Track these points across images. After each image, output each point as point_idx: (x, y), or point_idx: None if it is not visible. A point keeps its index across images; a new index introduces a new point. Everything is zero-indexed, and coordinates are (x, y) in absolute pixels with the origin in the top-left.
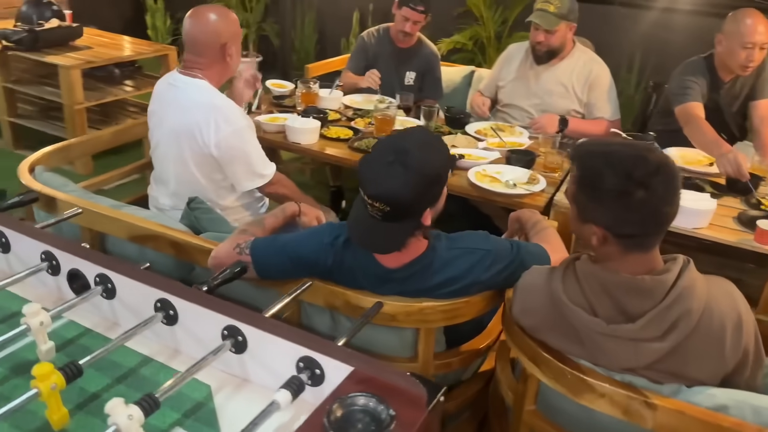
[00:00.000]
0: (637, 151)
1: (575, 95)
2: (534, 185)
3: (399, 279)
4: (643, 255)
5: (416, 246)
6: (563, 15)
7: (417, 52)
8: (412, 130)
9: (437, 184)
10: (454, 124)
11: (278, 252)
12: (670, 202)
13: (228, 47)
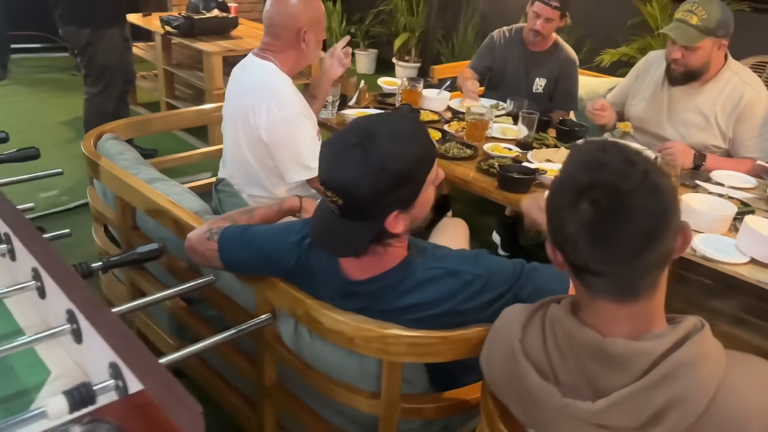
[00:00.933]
0: (619, 150)
1: (717, 128)
2: None
3: (363, 294)
4: (621, 306)
5: (387, 257)
6: (708, 29)
7: (550, 57)
8: (392, 114)
9: (407, 184)
10: (566, 138)
11: (245, 244)
12: (655, 230)
13: (304, 33)
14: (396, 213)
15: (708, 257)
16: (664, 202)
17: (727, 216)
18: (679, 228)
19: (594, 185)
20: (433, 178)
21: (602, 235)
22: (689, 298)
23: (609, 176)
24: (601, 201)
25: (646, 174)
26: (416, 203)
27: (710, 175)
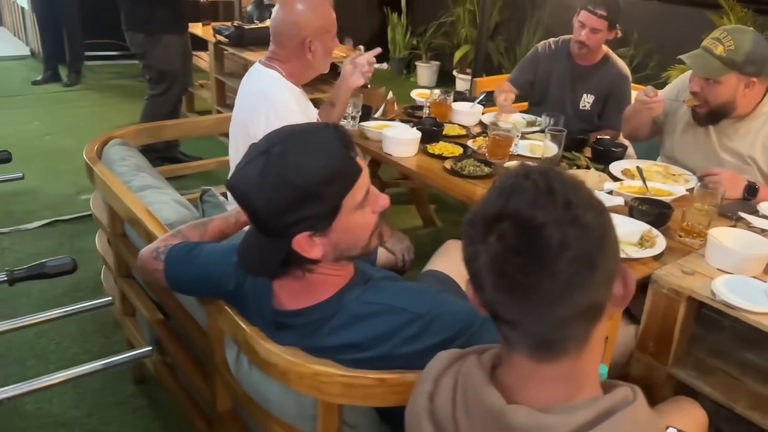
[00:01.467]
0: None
1: (759, 171)
2: (644, 248)
3: (295, 327)
4: (539, 365)
5: (322, 286)
6: (733, 62)
7: (598, 72)
8: (319, 124)
9: (312, 203)
10: (601, 159)
11: (189, 264)
12: (574, 275)
13: (310, 43)
14: (307, 235)
15: (729, 303)
16: (588, 241)
17: (761, 255)
18: (616, 274)
19: (504, 216)
20: (357, 202)
21: (509, 276)
22: (716, 347)
23: (520, 206)
24: (509, 235)
25: (568, 206)
26: (335, 227)
27: (758, 207)
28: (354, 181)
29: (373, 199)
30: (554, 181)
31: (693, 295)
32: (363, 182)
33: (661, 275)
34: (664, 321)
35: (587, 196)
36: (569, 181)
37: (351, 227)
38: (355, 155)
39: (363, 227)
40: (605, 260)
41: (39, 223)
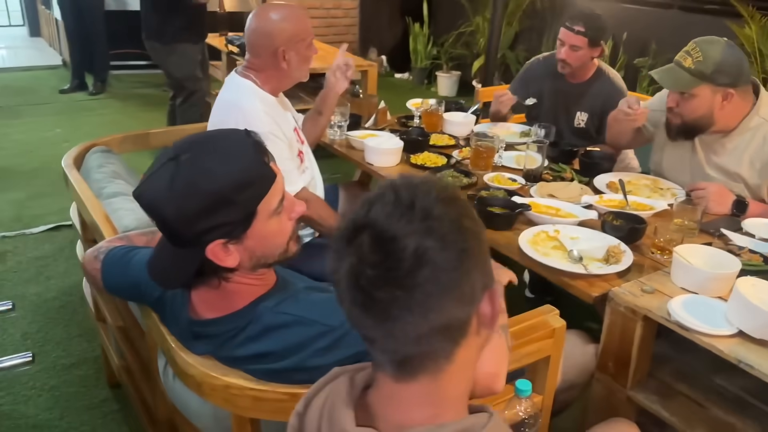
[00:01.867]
0: (409, 186)
1: (746, 189)
2: (609, 264)
3: (210, 337)
4: (399, 385)
5: (237, 296)
6: (702, 74)
7: (590, 89)
8: (230, 130)
9: (224, 209)
10: (587, 171)
11: (122, 267)
12: (428, 291)
13: (283, 52)
14: (221, 243)
15: (683, 324)
16: (446, 255)
17: (727, 275)
18: (481, 292)
19: (364, 226)
20: (272, 208)
21: (364, 289)
22: (684, 370)
23: (377, 216)
24: (366, 247)
25: (426, 218)
26: (250, 234)
27: (742, 224)
28: (268, 186)
29: (288, 205)
30: (419, 193)
31: (648, 314)
32: (278, 188)
33: (618, 293)
34: (621, 341)
35: (454, 211)
36: (437, 194)
37: (267, 234)
38: (269, 160)
39: (279, 234)
40: (466, 278)
41: (44, 228)
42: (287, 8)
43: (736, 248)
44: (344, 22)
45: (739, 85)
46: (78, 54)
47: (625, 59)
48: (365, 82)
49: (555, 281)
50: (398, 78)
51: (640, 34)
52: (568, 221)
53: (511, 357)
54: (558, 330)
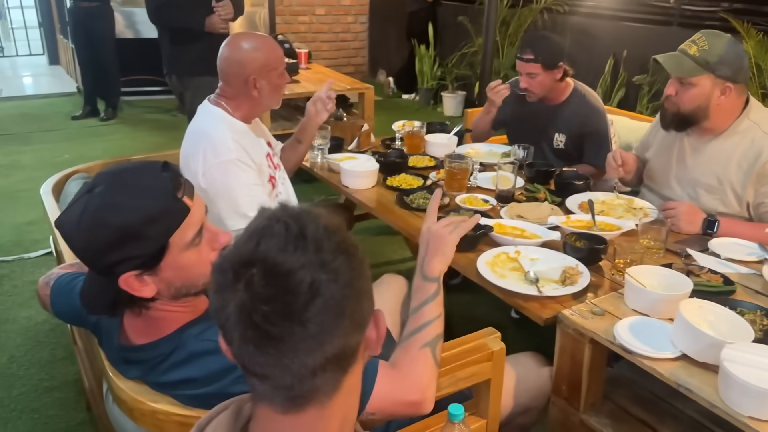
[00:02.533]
0: (295, 218)
1: (732, 191)
2: (564, 286)
3: (140, 362)
4: (285, 416)
5: (165, 322)
6: (706, 63)
7: (567, 110)
8: (145, 163)
9: (134, 242)
10: (562, 192)
11: (68, 293)
12: (323, 324)
13: (254, 80)
14: (134, 274)
15: (625, 347)
16: (338, 286)
17: (677, 297)
18: (368, 318)
19: (253, 261)
20: (187, 240)
21: (257, 326)
22: (642, 393)
23: (269, 250)
24: (258, 282)
25: (319, 250)
26: (164, 266)
27: (708, 244)
28: (180, 220)
29: (210, 236)
30: (307, 224)
31: (595, 337)
32: (192, 221)
33: (567, 315)
34: (572, 364)
35: (341, 240)
36: (324, 224)
37: (184, 265)
38: (183, 194)
39: (199, 264)
40: (357, 305)
41: (42, 252)
42: (259, 38)
43: (697, 268)
44: (353, 45)
45: (738, 81)
46: (90, 81)
47: (625, 77)
48: (362, 104)
49: (510, 303)
50: (405, 99)
51: (639, 52)
52: (530, 242)
53: (448, 380)
54: (497, 353)
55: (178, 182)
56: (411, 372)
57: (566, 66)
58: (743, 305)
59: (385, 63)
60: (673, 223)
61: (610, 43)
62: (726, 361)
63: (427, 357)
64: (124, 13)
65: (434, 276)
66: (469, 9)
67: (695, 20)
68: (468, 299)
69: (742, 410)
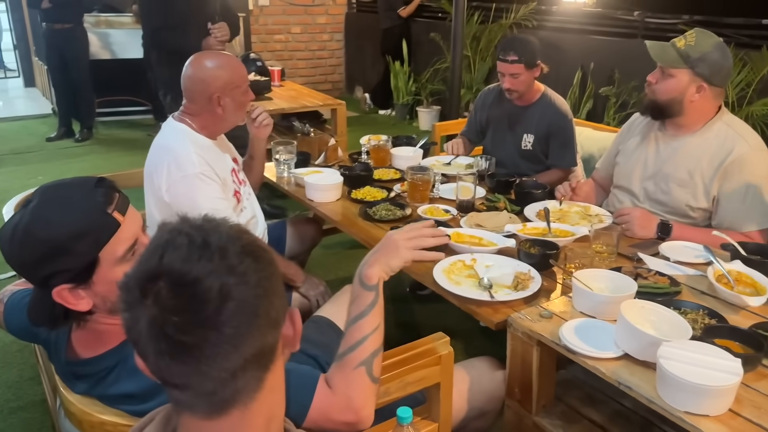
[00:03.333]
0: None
1: (702, 185)
2: (516, 291)
3: (87, 376)
4: (209, 422)
5: (110, 336)
6: (688, 57)
7: (536, 111)
8: (76, 179)
9: (62, 256)
10: (522, 201)
11: (20, 309)
12: (238, 327)
13: (218, 98)
14: (68, 288)
15: (569, 348)
16: (248, 288)
17: (619, 299)
18: (283, 316)
19: (159, 275)
20: (118, 255)
21: (170, 338)
22: (594, 394)
23: (173, 262)
24: (165, 295)
25: (224, 256)
26: (97, 280)
27: (659, 248)
28: (109, 236)
29: None
30: (210, 232)
31: (541, 339)
32: (123, 236)
33: (516, 318)
34: (523, 366)
35: (246, 243)
36: (227, 230)
37: (118, 280)
38: (115, 209)
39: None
40: (270, 304)
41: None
42: (222, 56)
43: (645, 271)
44: (330, 62)
45: (713, 83)
46: (64, 102)
47: (593, 88)
48: (335, 120)
49: (464, 309)
50: (382, 114)
51: (606, 64)
52: (486, 250)
53: (396, 385)
54: (445, 357)
55: (110, 197)
56: (346, 393)
57: (542, 64)
58: (686, 305)
59: (361, 79)
60: (628, 228)
61: (578, 56)
62: (662, 358)
63: (363, 377)
64: (98, 34)
65: (372, 284)
66: (441, 25)
67: (658, 32)
68: (439, 309)
69: (678, 405)
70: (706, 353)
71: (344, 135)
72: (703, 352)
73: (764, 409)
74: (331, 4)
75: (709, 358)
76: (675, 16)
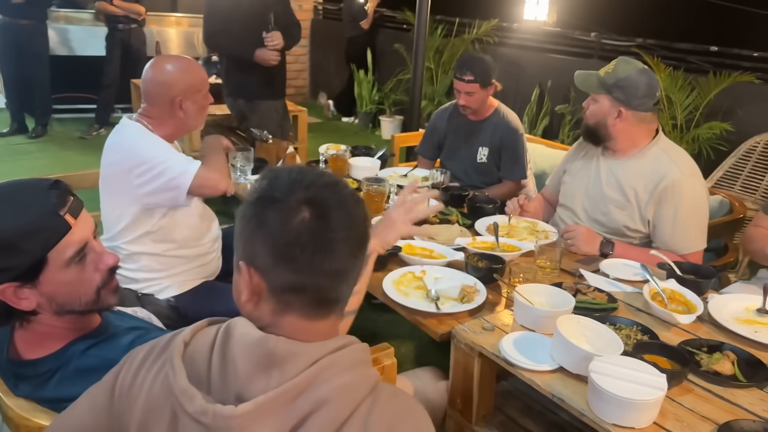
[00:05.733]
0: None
1: (637, 208)
2: (462, 303)
3: (29, 378)
4: (311, 323)
5: (51, 338)
6: (604, 84)
7: (490, 125)
8: (28, 179)
9: (9, 254)
10: (474, 215)
11: None
12: (365, 235)
13: (180, 101)
14: (13, 286)
15: (508, 360)
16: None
17: (559, 313)
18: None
19: (310, 192)
20: (67, 258)
21: (324, 239)
22: (533, 405)
23: (326, 182)
24: (320, 206)
25: (346, 185)
26: (43, 281)
27: (599, 265)
28: (59, 237)
29: (95, 256)
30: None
31: (482, 351)
32: (73, 239)
33: (460, 330)
34: (465, 377)
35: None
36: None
37: (66, 282)
38: (67, 212)
39: (81, 283)
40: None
41: None
42: (183, 60)
43: (585, 287)
44: (294, 67)
45: (632, 107)
46: (16, 98)
47: (549, 106)
48: (296, 126)
49: (411, 320)
50: (345, 122)
51: (563, 82)
52: (436, 262)
53: None
54: (388, 367)
55: (63, 200)
56: None
57: (497, 83)
58: (621, 321)
59: (325, 86)
60: (573, 244)
61: (537, 74)
62: (593, 372)
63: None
64: (57, 29)
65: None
66: (405, 36)
67: (613, 54)
68: (392, 318)
69: (606, 417)
70: (635, 368)
71: (305, 142)
72: (631, 367)
73: (687, 422)
74: (297, 9)
75: (636, 373)
76: (629, 39)
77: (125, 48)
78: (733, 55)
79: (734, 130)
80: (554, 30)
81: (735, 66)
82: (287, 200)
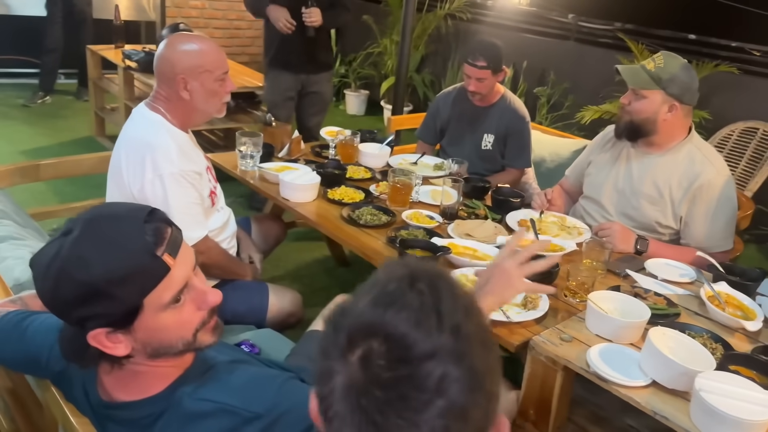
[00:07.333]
0: (433, 288)
1: (671, 204)
2: (527, 310)
3: (124, 422)
4: None
5: (152, 378)
6: (660, 79)
7: (496, 112)
8: (129, 209)
9: (99, 300)
10: (499, 208)
11: (17, 336)
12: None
13: (184, 80)
14: (105, 332)
15: (601, 376)
16: (468, 386)
17: (638, 324)
18: (490, 425)
19: (375, 332)
20: (165, 302)
21: (364, 412)
22: (598, 412)
23: (398, 325)
24: (376, 360)
25: (456, 333)
26: (138, 327)
27: (644, 265)
28: (156, 282)
29: (197, 295)
30: (444, 295)
31: (568, 365)
32: (172, 282)
33: (539, 342)
34: (542, 389)
35: (478, 321)
36: (461, 298)
37: (162, 327)
38: (165, 251)
39: (179, 327)
40: (483, 412)
41: None
42: (197, 39)
43: (643, 291)
44: (248, 33)
45: (684, 102)
46: None
47: (525, 87)
48: None
49: None
50: None
51: (539, 64)
52: (486, 264)
53: None
54: None
55: (161, 237)
56: None
57: (506, 69)
58: (692, 329)
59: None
60: (609, 242)
61: (511, 54)
62: (702, 391)
63: None
64: None
65: None
66: (374, 8)
67: (591, 37)
68: None
69: None
70: (740, 386)
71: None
72: (737, 384)
73: None
74: None
75: (743, 390)
76: (607, 23)
77: (68, 9)
78: (710, 44)
79: (711, 118)
80: (530, 9)
81: (712, 55)
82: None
